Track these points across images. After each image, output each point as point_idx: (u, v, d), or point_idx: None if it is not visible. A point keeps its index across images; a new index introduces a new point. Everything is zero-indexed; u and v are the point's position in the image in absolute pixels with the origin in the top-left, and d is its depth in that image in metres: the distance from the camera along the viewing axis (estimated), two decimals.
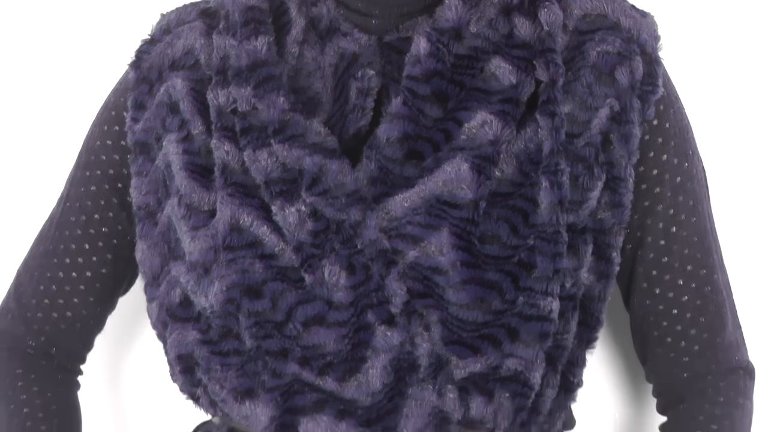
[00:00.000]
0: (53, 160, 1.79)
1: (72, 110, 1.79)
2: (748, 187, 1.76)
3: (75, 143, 1.62)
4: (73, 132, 1.71)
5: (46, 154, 1.81)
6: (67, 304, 1.58)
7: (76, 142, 1.62)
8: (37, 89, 1.83)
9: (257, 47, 1.43)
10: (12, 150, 1.84)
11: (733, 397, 1.49)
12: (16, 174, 1.83)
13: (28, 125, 1.83)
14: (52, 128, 1.82)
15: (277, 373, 1.38)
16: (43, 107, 1.83)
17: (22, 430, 1.56)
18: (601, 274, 1.44)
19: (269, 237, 1.39)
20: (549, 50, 1.40)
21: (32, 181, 1.82)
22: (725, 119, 1.74)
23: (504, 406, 1.39)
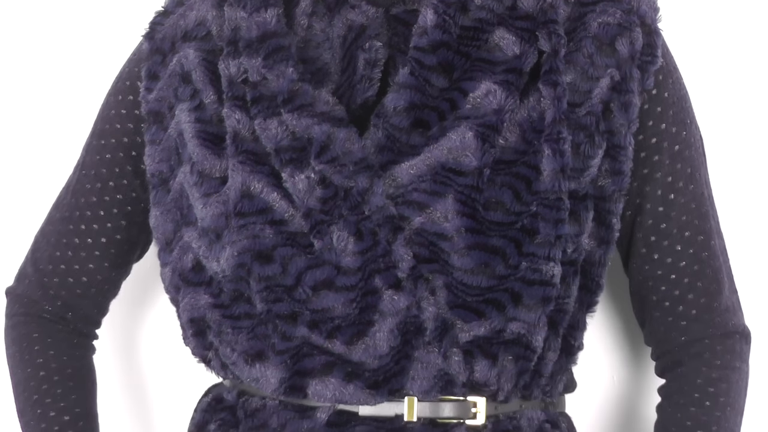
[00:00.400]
0: (66, 132, 1.80)
1: (85, 82, 1.80)
2: (747, 182, 1.75)
3: (89, 115, 1.64)
4: (86, 104, 1.73)
5: (60, 127, 1.82)
6: (83, 270, 1.59)
7: (89, 114, 1.63)
8: (49, 62, 1.84)
9: (267, 19, 1.43)
10: (26, 122, 1.85)
11: (729, 360, 1.50)
12: (30, 146, 1.84)
13: (43, 97, 1.84)
14: (66, 100, 1.83)
15: (286, 336, 1.40)
16: (57, 79, 1.83)
17: (39, 392, 1.56)
18: (602, 240, 1.46)
19: (279, 203, 1.39)
20: (551, 21, 1.41)
21: (45, 153, 1.83)
22: (725, 114, 1.75)
23: (507, 369, 1.41)
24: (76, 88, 1.82)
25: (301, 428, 1.42)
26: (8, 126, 1.84)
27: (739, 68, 1.75)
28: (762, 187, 1.76)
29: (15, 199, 1.84)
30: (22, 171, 1.84)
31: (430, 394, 1.40)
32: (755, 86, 1.76)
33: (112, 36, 1.77)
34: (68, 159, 1.67)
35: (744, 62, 1.75)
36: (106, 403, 1.74)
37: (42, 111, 1.83)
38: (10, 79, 1.84)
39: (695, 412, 1.48)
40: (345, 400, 1.40)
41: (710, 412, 1.48)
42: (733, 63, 1.75)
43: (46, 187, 1.77)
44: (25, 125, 1.84)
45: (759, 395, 1.69)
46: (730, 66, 1.75)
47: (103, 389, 1.68)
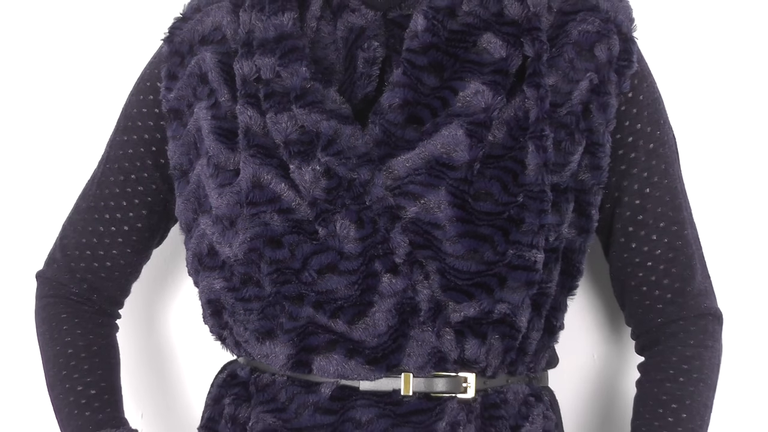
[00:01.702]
0: (91, 129, 1.82)
1: (109, 84, 1.81)
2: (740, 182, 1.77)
3: (112, 114, 1.67)
4: (109, 104, 1.75)
5: (85, 125, 1.83)
6: (107, 255, 1.61)
7: (113, 113, 1.66)
8: (77, 66, 1.84)
9: (283, 22, 1.46)
10: (55, 122, 1.85)
11: (702, 339, 1.52)
12: (58, 144, 1.85)
13: (69, 99, 1.85)
14: (90, 101, 1.84)
15: (293, 316, 1.42)
16: (82, 82, 1.84)
17: (67, 368, 1.58)
18: (582, 229, 1.48)
19: (287, 193, 1.42)
20: (535, 29, 1.43)
21: (72, 150, 1.84)
22: (696, 115, 1.76)
23: (495, 347, 1.43)
24: (99, 90, 1.83)
25: (307, 402, 1.44)
26: (39, 126, 1.85)
27: (710, 73, 1.75)
28: (736, 182, 1.76)
29: (43, 192, 1.84)
30: (50, 166, 1.85)
31: (424, 370, 1.42)
32: (727, 89, 1.75)
33: (134, 41, 1.78)
34: (93, 154, 1.69)
35: (715, 67, 1.75)
36: (129, 378, 1.76)
37: (69, 111, 1.84)
38: (41, 83, 1.84)
39: (670, 387, 1.50)
40: (346, 375, 1.42)
41: (684, 386, 1.50)
42: (703, 68, 1.75)
43: (71, 180, 1.78)
44: (55, 125, 1.85)
45: (730, 372, 1.71)
46: (699, 71, 1.75)
47: (126, 365, 1.69)
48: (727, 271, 1.75)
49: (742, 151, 1.74)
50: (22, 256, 1.83)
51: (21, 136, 1.85)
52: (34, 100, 1.85)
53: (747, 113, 1.75)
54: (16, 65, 1.85)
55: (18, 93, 1.85)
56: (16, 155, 1.85)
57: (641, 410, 1.51)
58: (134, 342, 1.84)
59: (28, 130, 1.85)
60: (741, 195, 1.75)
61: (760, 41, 1.73)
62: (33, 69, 1.85)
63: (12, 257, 1.85)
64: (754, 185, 1.75)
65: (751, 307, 1.76)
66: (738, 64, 1.74)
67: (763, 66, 1.73)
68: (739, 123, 1.74)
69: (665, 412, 1.49)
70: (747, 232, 1.76)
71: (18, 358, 1.84)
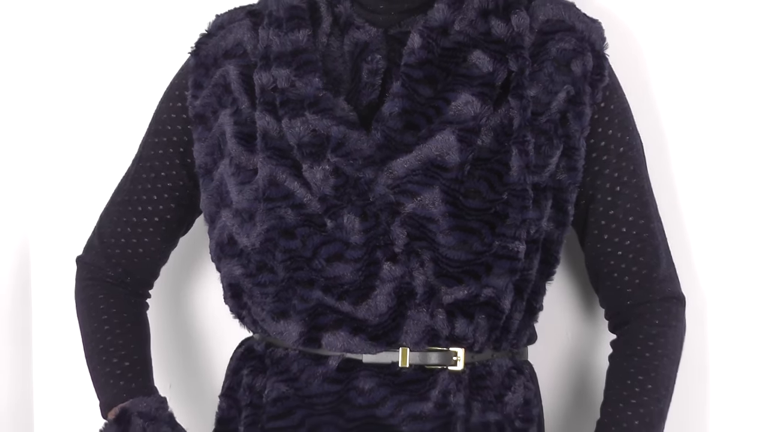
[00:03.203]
0: (125, 133, 1.81)
1: (140, 93, 1.81)
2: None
3: (143, 119, 1.67)
4: (141, 111, 1.73)
5: (120, 128, 1.84)
6: (139, 242, 1.63)
7: (144, 119, 1.67)
8: (114, 76, 1.85)
9: (299, 38, 1.47)
10: (93, 127, 1.86)
11: (666, 320, 1.55)
12: (96, 145, 1.86)
13: (106, 106, 1.85)
14: (124, 108, 1.84)
15: (304, 298, 1.45)
16: (119, 89, 1.84)
17: (104, 342, 1.60)
18: (559, 223, 1.51)
19: (299, 190, 1.44)
20: (518, 47, 1.46)
21: (107, 151, 1.84)
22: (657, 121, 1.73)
23: (481, 326, 1.46)
24: (133, 98, 1.83)
25: (316, 373, 1.46)
26: (80, 131, 1.86)
27: (670, 85, 1.72)
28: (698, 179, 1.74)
29: (83, 187, 1.85)
30: (89, 166, 1.85)
31: (419, 345, 1.45)
32: (689, 97, 1.72)
33: (164, 55, 1.77)
34: (126, 155, 1.69)
35: (678, 79, 1.72)
36: (158, 351, 1.74)
37: (108, 117, 1.85)
38: (79, 94, 1.85)
39: (638, 361, 1.52)
40: (351, 350, 1.45)
41: (650, 361, 1.52)
42: (665, 80, 1.72)
43: (107, 177, 1.77)
44: (93, 129, 1.85)
45: (692, 350, 1.69)
46: (661, 83, 1.72)
47: (155, 340, 1.69)
48: (714, 265, 1.74)
49: (731, 149, 1.72)
50: (65, 243, 1.83)
51: (63, 142, 1.86)
52: (79, 110, 1.86)
53: (736, 112, 1.72)
54: (67, 77, 1.85)
55: (64, 104, 1.85)
56: (61, 159, 1.86)
57: (612, 381, 1.53)
58: (163, 319, 1.83)
59: (70, 136, 1.86)
60: (728, 192, 1.73)
61: (748, 42, 1.71)
62: (80, 82, 1.85)
63: (56, 244, 1.85)
64: (741, 183, 1.73)
65: (737, 301, 1.75)
66: (723, 64, 1.72)
67: (743, 65, 1.71)
68: (727, 122, 1.72)
69: (633, 383, 1.51)
70: (736, 227, 1.74)
71: (61, 333, 1.85)
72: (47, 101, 1.86)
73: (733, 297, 1.74)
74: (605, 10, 1.68)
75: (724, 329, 1.75)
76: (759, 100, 1.71)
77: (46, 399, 1.89)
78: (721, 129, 1.72)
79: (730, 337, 1.74)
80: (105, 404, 1.60)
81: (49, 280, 1.87)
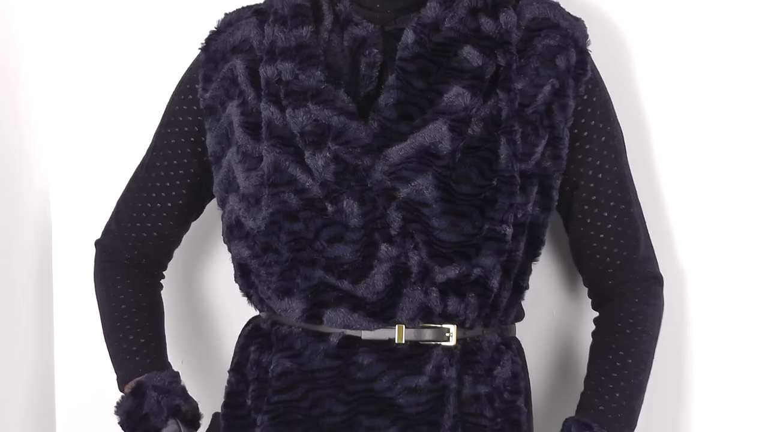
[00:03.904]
0: (139, 124, 1.81)
1: (153, 87, 1.80)
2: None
3: (157, 111, 1.67)
4: (154, 104, 1.73)
5: (135, 121, 1.83)
6: (154, 226, 1.64)
7: (157, 111, 1.66)
8: (130, 73, 1.85)
9: (303, 34, 1.48)
10: (111, 120, 1.85)
11: (645, 298, 1.56)
12: (112, 137, 1.85)
13: (119, 100, 1.85)
14: (138, 101, 1.84)
15: (307, 277, 1.46)
16: (135, 85, 1.84)
17: (121, 320, 1.62)
18: (544, 208, 1.51)
19: (302, 176, 1.45)
20: (506, 43, 1.47)
21: (123, 142, 1.84)
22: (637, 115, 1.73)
23: (472, 304, 1.47)
24: (146, 92, 1.83)
25: (319, 349, 1.47)
26: (96, 124, 1.85)
27: (648, 78, 1.72)
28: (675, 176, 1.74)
29: (100, 175, 1.85)
30: (106, 156, 1.85)
31: (414, 322, 1.45)
32: (666, 93, 1.72)
33: (176, 50, 1.76)
34: (141, 145, 1.69)
35: (655, 77, 1.73)
36: (172, 329, 1.75)
37: (123, 109, 1.85)
38: (99, 90, 1.85)
39: (618, 337, 1.53)
40: (351, 326, 1.45)
41: (630, 337, 1.53)
42: (644, 74, 1.72)
43: (123, 166, 1.76)
44: (109, 121, 1.85)
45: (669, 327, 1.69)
46: (639, 77, 1.72)
47: (169, 318, 1.69)
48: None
49: (706, 138, 1.72)
50: (84, 227, 1.83)
51: (83, 134, 1.86)
52: (97, 104, 1.86)
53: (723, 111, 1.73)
54: (89, 77, 1.85)
55: (85, 100, 1.86)
56: (81, 151, 1.86)
57: (595, 356, 1.54)
58: (176, 299, 1.84)
59: (88, 128, 1.86)
60: (704, 178, 1.73)
61: (721, 38, 1.71)
62: (100, 81, 1.85)
63: (76, 228, 1.86)
64: (715, 169, 1.73)
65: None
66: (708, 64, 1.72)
67: (723, 65, 1.72)
68: (701, 112, 1.72)
69: (614, 357, 1.52)
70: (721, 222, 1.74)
71: (81, 311, 1.85)
72: (70, 98, 1.86)
73: (709, 276, 1.74)
74: (588, 9, 1.68)
75: (701, 307, 1.75)
76: (728, 90, 1.71)
77: (67, 373, 1.89)
78: (697, 119, 1.72)
79: (706, 315, 1.75)
80: (122, 378, 1.61)
81: (70, 262, 1.87)
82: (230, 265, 1.56)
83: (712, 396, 1.76)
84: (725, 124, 1.72)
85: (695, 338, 1.76)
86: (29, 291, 1.82)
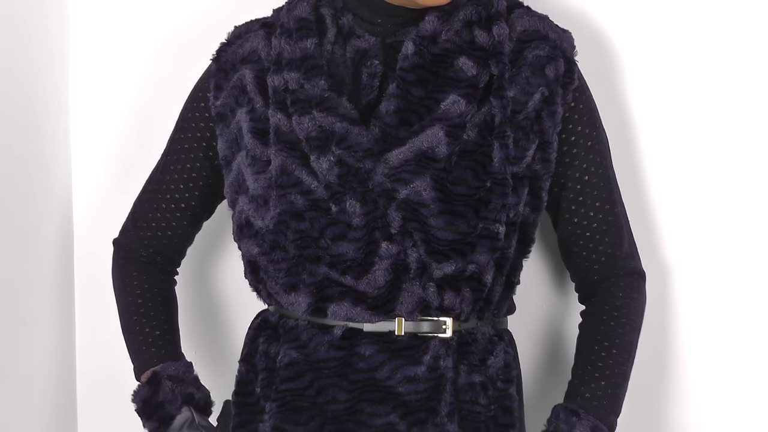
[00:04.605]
0: (154, 131, 1.80)
1: (168, 96, 1.79)
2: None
3: (171, 118, 1.66)
4: (169, 112, 1.72)
5: (151, 127, 1.82)
6: (168, 226, 1.64)
7: (172, 118, 1.66)
8: (146, 82, 1.84)
9: (307, 45, 1.48)
10: (129, 126, 1.85)
11: (629, 292, 1.55)
12: (129, 143, 1.85)
13: (145, 104, 1.84)
14: (154, 109, 1.83)
15: (312, 273, 1.46)
16: (150, 93, 1.84)
17: (137, 314, 1.62)
18: (534, 208, 1.51)
19: (307, 178, 1.44)
20: (499, 53, 1.47)
21: (140, 148, 1.83)
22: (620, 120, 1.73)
23: (467, 298, 1.47)
24: (161, 100, 1.82)
25: (323, 341, 1.46)
26: (116, 131, 1.85)
27: (631, 86, 1.72)
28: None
29: (118, 178, 1.84)
30: (123, 161, 1.84)
31: (412, 315, 1.45)
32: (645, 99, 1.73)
33: (189, 61, 1.75)
34: (155, 151, 1.69)
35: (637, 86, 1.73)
36: (185, 322, 1.74)
37: (138, 116, 1.84)
38: (119, 101, 1.84)
39: (604, 329, 1.52)
40: (353, 319, 1.45)
41: (614, 329, 1.52)
42: (627, 82, 1.72)
43: (139, 170, 1.76)
44: (128, 129, 1.85)
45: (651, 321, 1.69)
46: (623, 85, 1.72)
47: (183, 312, 1.70)
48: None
49: (687, 141, 1.72)
50: (103, 227, 1.82)
51: (102, 141, 1.85)
52: (117, 113, 1.85)
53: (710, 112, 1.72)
54: (112, 88, 1.85)
55: (104, 110, 1.85)
56: (100, 156, 1.85)
57: (581, 347, 1.54)
58: (189, 294, 1.84)
59: (106, 136, 1.85)
60: (685, 179, 1.72)
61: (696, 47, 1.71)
62: (121, 92, 1.85)
63: (95, 229, 1.85)
64: (695, 171, 1.72)
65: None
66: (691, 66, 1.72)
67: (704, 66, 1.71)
68: (683, 117, 1.72)
69: (600, 348, 1.51)
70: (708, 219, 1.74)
71: (101, 305, 1.84)
72: (93, 107, 1.86)
73: (689, 272, 1.74)
74: (576, 22, 1.69)
75: (681, 301, 1.75)
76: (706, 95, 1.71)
77: (88, 363, 1.89)
78: (677, 124, 1.72)
79: (686, 308, 1.75)
80: (138, 368, 1.61)
81: (90, 259, 1.87)
82: (240, 263, 1.56)
83: (692, 384, 1.75)
84: (704, 128, 1.72)
85: (676, 330, 1.75)
86: (52, 286, 1.82)
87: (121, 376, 1.75)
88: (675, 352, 1.76)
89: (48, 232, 1.81)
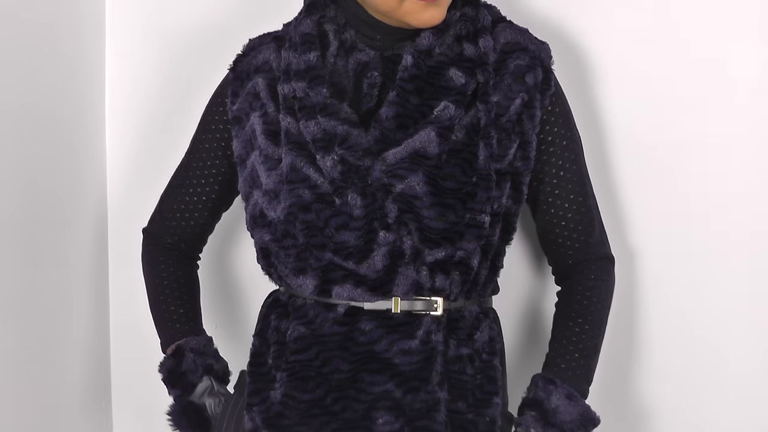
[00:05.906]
0: (179, 132, 1.78)
1: (191, 103, 1.78)
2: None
3: (193, 122, 1.66)
4: (192, 116, 1.70)
5: (175, 129, 1.82)
6: (191, 217, 1.63)
7: (194, 121, 1.66)
8: (173, 91, 1.83)
9: (310, 58, 1.48)
10: (157, 129, 1.84)
11: (600, 275, 1.55)
12: (157, 144, 1.84)
13: (170, 109, 1.84)
14: (179, 113, 1.82)
15: (318, 258, 1.46)
16: (177, 101, 1.83)
17: (163, 294, 1.62)
18: (515, 200, 1.50)
19: (314, 175, 1.44)
20: (484, 63, 1.47)
21: (165, 148, 1.82)
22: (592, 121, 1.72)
23: (455, 280, 1.46)
24: (185, 106, 1.81)
25: (328, 317, 1.46)
26: (147, 131, 1.84)
27: (601, 91, 1.71)
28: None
29: (148, 174, 1.84)
30: (152, 159, 1.84)
31: (407, 295, 1.45)
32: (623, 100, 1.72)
33: (210, 71, 1.73)
34: (181, 149, 1.68)
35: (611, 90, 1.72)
36: (206, 301, 1.74)
37: (166, 119, 1.84)
38: (150, 102, 1.83)
39: (577, 307, 1.53)
40: (355, 299, 1.45)
41: (586, 307, 1.52)
42: (598, 88, 1.72)
43: (167, 167, 1.74)
44: (157, 130, 1.84)
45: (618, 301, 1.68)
46: (594, 90, 1.72)
47: (204, 292, 1.70)
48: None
49: (656, 141, 1.70)
50: (134, 217, 1.82)
51: (134, 142, 1.85)
52: (146, 119, 1.85)
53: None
54: (144, 94, 1.85)
55: (140, 111, 1.85)
56: (132, 155, 1.85)
57: (557, 323, 1.54)
58: (210, 277, 1.84)
59: (138, 137, 1.85)
60: (651, 173, 1.71)
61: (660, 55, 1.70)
62: (149, 96, 1.84)
63: (127, 219, 1.85)
64: (662, 165, 1.71)
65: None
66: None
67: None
68: (652, 119, 1.70)
69: (573, 324, 1.52)
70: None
71: (132, 287, 1.84)
72: (128, 109, 1.85)
73: (654, 257, 1.74)
74: (554, 34, 1.69)
75: (646, 283, 1.75)
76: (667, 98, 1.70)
77: (120, 339, 1.89)
78: (644, 125, 1.71)
79: (651, 289, 1.75)
80: (164, 342, 1.62)
81: (123, 246, 1.87)
82: (253, 249, 1.55)
83: (657, 358, 1.75)
84: (666, 129, 1.71)
85: (642, 309, 1.75)
86: (88, 271, 1.81)
87: (149, 349, 1.75)
88: (641, 330, 1.76)
89: (84, 222, 1.80)
